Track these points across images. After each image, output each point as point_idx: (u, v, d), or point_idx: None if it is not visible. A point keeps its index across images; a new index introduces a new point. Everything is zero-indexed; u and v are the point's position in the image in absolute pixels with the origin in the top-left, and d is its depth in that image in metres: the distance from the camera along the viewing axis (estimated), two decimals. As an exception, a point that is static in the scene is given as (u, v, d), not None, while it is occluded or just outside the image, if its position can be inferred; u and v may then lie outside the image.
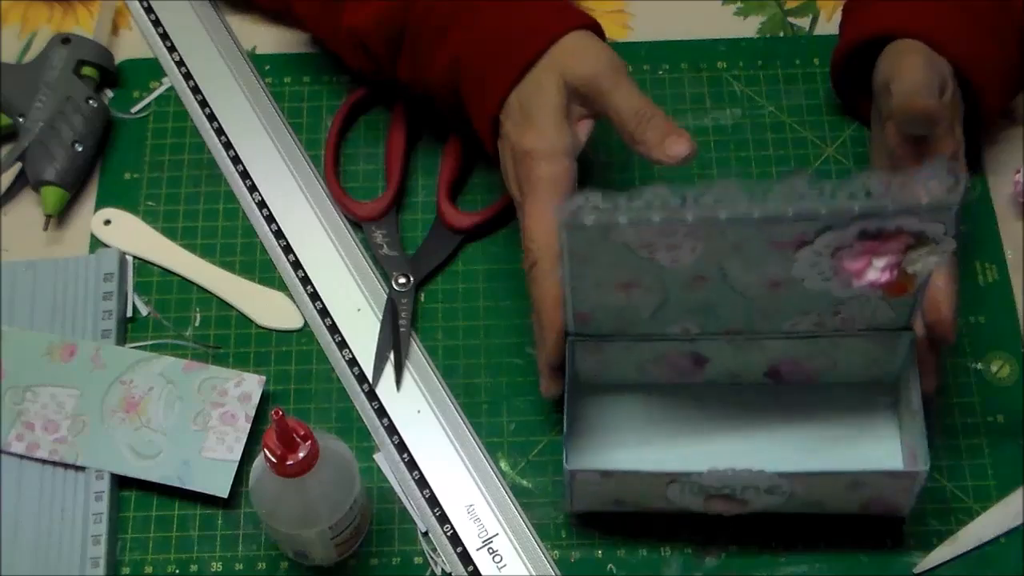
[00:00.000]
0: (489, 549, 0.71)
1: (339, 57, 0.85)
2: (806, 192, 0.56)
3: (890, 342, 0.68)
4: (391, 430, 0.74)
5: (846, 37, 0.78)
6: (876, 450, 0.71)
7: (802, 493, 0.66)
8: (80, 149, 0.81)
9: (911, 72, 0.68)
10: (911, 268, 0.60)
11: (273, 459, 0.61)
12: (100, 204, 0.82)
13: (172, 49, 0.87)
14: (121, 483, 0.73)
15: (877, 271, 0.60)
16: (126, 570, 0.71)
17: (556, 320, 0.68)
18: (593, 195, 0.57)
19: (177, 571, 0.71)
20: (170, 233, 0.81)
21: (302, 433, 0.62)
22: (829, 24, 0.88)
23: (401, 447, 0.74)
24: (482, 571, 0.70)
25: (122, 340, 0.77)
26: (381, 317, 0.77)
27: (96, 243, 0.80)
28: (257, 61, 0.87)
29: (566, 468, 0.66)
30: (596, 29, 0.72)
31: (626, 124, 0.68)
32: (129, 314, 0.78)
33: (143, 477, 0.72)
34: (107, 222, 0.81)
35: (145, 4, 0.88)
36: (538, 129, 0.69)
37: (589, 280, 0.63)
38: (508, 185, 0.72)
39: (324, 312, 0.78)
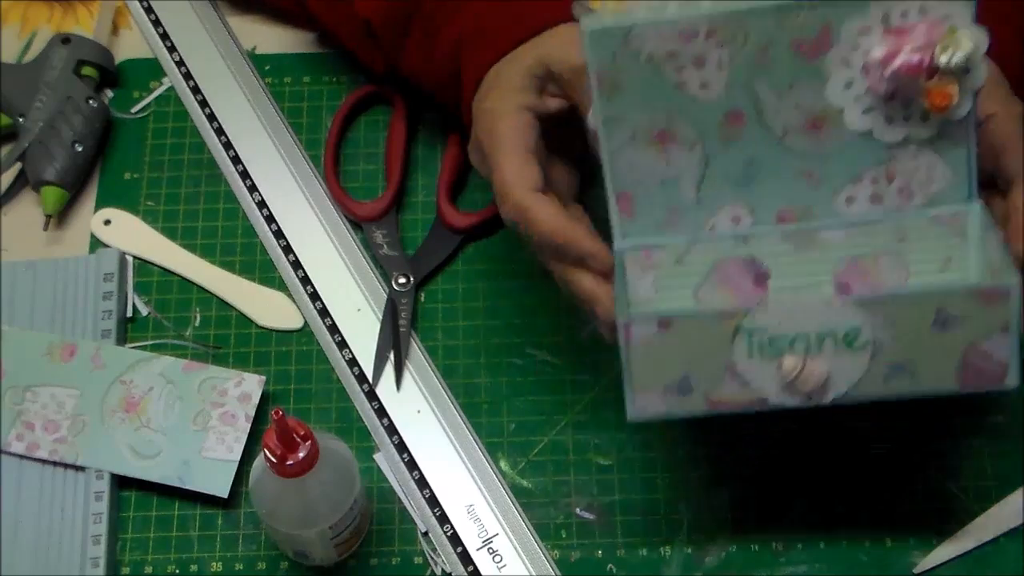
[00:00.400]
0: (489, 549, 0.71)
1: (339, 57, 0.85)
2: None
3: (959, 224, 0.64)
4: (391, 430, 0.74)
5: None
6: None
7: (887, 343, 0.60)
8: (80, 149, 0.81)
9: None
10: (943, 58, 0.59)
11: (273, 459, 0.61)
12: (100, 204, 0.82)
13: (172, 49, 0.87)
14: (121, 483, 0.73)
15: (907, 54, 0.60)
16: (126, 570, 0.71)
17: (579, 233, 0.64)
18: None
19: (177, 571, 0.71)
20: (170, 233, 0.81)
21: (302, 433, 0.62)
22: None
23: (401, 447, 0.74)
24: (482, 571, 0.70)
25: (122, 340, 0.77)
26: (381, 317, 0.77)
27: (96, 243, 0.80)
28: (257, 61, 0.87)
29: (620, 323, 0.60)
30: None
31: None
32: (129, 314, 0.78)
33: (143, 477, 0.72)
34: (107, 222, 0.81)
35: (145, 4, 0.88)
36: (501, 89, 0.67)
37: (624, 129, 0.62)
38: (473, 159, 0.70)
39: (324, 312, 0.78)
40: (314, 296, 0.78)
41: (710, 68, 0.61)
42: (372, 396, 0.75)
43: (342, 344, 0.77)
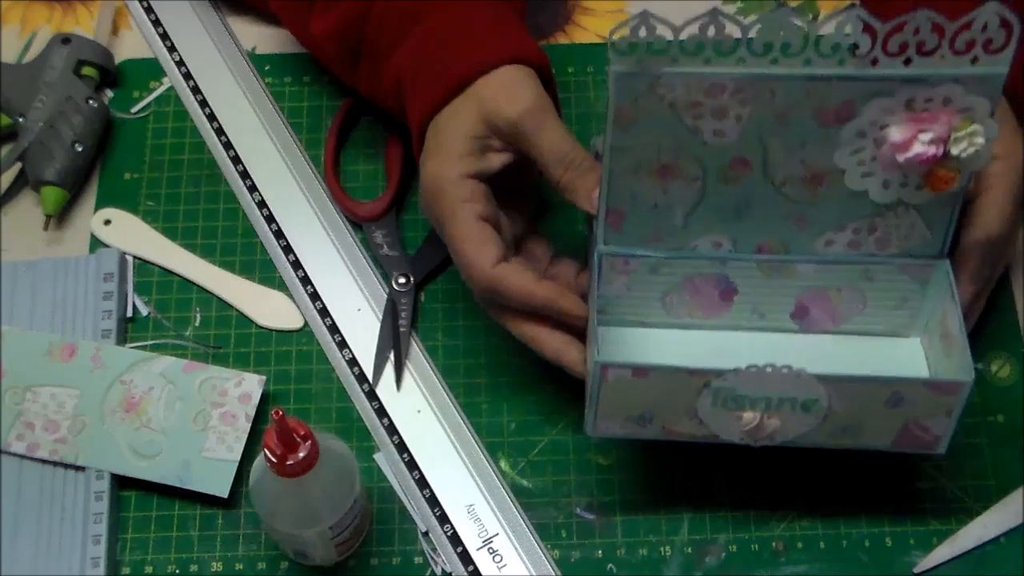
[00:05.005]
0: (489, 549, 0.71)
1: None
2: (857, 35, 0.58)
3: (924, 274, 0.68)
4: (391, 430, 0.74)
5: None
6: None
7: (840, 410, 0.64)
8: (80, 149, 0.81)
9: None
10: (956, 148, 0.61)
11: (273, 459, 0.61)
12: (100, 204, 0.82)
13: (172, 49, 0.87)
14: (121, 483, 0.73)
15: (923, 144, 0.61)
16: (126, 570, 0.71)
17: (552, 294, 0.66)
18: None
19: (177, 571, 0.71)
20: (170, 233, 0.81)
21: (302, 433, 0.62)
22: (829, 24, 0.88)
23: (401, 447, 0.74)
24: (482, 571, 0.70)
25: (122, 340, 0.77)
26: (381, 317, 0.77)
27: (96, 243, 0.80)
28: (257, 61, 0.87)
29: (596, 362, 0.63)
30: (536, 62, 0.69)
31: (551, 170, 0.66)
32: (129, 314, 0.78)
33: (143, 477, 0.72)
34: (107, 222, 0.81)
35: (145, 4, 0.88)
36: (443, 155, 0.67)
37: (629, 158, 0.63)
38: (425, 214, 0.70)
39: (324, 312, 0.78)
40: (314, 296, 0.78)
41: (728, 120, 0.62)
42: (372, 396, 0.75)
43: (342, 344, 0.77)
